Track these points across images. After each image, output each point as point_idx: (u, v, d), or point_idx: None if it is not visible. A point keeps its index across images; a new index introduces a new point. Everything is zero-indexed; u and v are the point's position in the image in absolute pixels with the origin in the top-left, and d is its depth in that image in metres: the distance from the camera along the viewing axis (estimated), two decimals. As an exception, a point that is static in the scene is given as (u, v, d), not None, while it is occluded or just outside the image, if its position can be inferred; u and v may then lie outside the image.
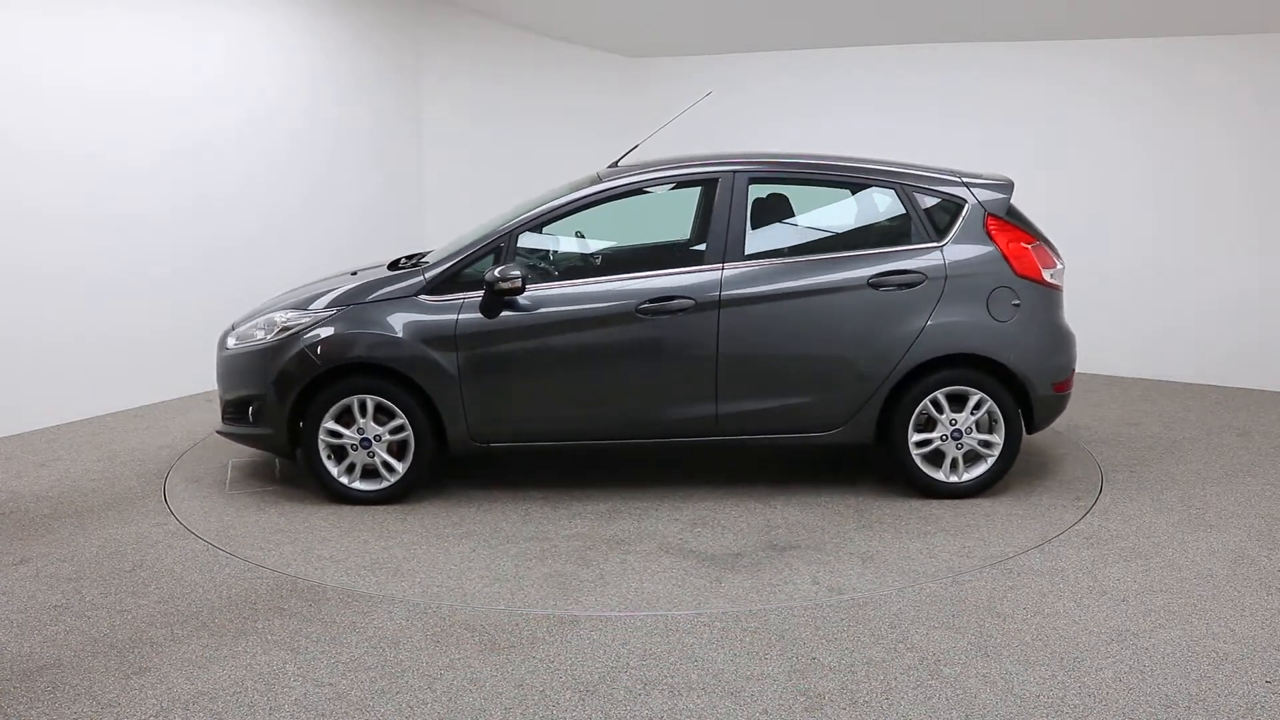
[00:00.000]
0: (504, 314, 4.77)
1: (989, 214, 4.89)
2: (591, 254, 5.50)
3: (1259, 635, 3.46)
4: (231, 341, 5.11)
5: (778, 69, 9.41)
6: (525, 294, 4.78)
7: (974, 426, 4.84)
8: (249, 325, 5.10)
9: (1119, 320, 7.99)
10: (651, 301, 4.75)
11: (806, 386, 4.82)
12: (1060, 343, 4.98)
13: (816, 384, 4.82)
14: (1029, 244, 4.90)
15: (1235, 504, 4.86)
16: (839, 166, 5.07)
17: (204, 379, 7.02)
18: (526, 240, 5.02)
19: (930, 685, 3.13)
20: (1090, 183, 8.08)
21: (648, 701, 3.04)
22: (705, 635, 3.48)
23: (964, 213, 4.89)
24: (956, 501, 4.86)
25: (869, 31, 8.51)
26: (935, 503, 4.85)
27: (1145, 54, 7.78)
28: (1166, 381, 7.75)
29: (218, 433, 5.21)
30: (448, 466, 5.39)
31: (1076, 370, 5.15)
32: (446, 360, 4.75)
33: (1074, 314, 7.54)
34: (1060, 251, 5.10)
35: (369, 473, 4.88)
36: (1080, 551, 4.24)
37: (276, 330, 4.92)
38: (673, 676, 3.19)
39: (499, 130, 9.22)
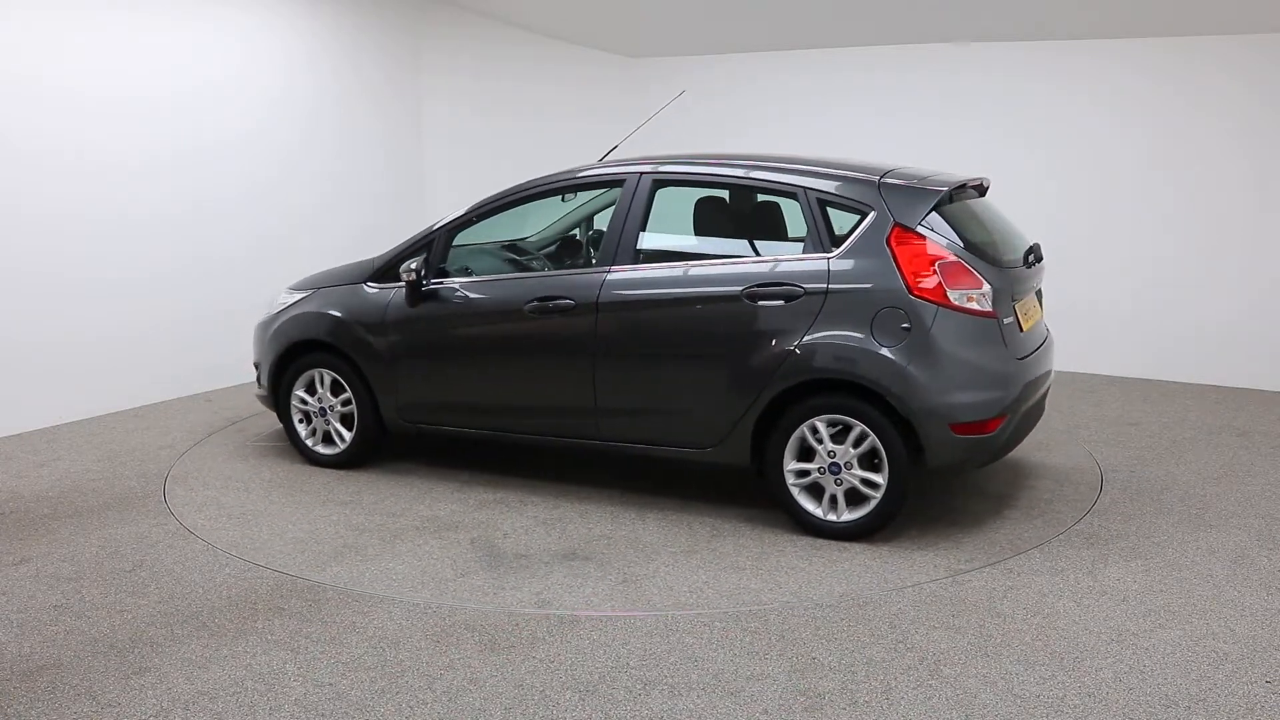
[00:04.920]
0: (424, 305, 5.05)
1: (897, 224, 4.21)
2: (517, 251, 5.63)
3: (1259, 635, 3.46)
4: (264, 313, 5.70)
5: (777, 69, 9.40)
6: (446, 288, 5.00)
7: (855, 462, 4.24)
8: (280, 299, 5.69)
9: (1119, 320, 7.99)
10: (539, 300, 4.76)
11: (677, 400, 4.54)
12: (973, 378, 4.18)
13: (687, 398, 4.51)
14: (936, 261, 4.16)
15: (1235, 504, 4.86)
16: (748, 169, 4.70)
17: (204, 379, 7.05)
18: (469, 236, 5.25)
19: (930, 685, 3.13)
20: (1090, 182, 8.08)
21: (648, 701, 3.04)
22: (705, 635, 3.48)
23: (865, 221, 4.28)
24: (810, 541, 4.32)
25: (869, 32, 8.50)
26: (803, 540, 4.32)
27: (1145, 54, 7.78)
28: (1166, 381, 7.74)
29: (255, 395, 5.82)
30: (447, 445, 5.46)
31: (1069, 370, 4.95)
32: (378, 343, 5.14)
33: (1074, 313, 7.49)
34: (989, 271, 4.27)
35: (329, 438, 5.41)
36: (1080, 551, 4.24)
37: (278, 306, 5.56)
38: (673, 676, 3.19)
39: (500, 130, 9.21)
